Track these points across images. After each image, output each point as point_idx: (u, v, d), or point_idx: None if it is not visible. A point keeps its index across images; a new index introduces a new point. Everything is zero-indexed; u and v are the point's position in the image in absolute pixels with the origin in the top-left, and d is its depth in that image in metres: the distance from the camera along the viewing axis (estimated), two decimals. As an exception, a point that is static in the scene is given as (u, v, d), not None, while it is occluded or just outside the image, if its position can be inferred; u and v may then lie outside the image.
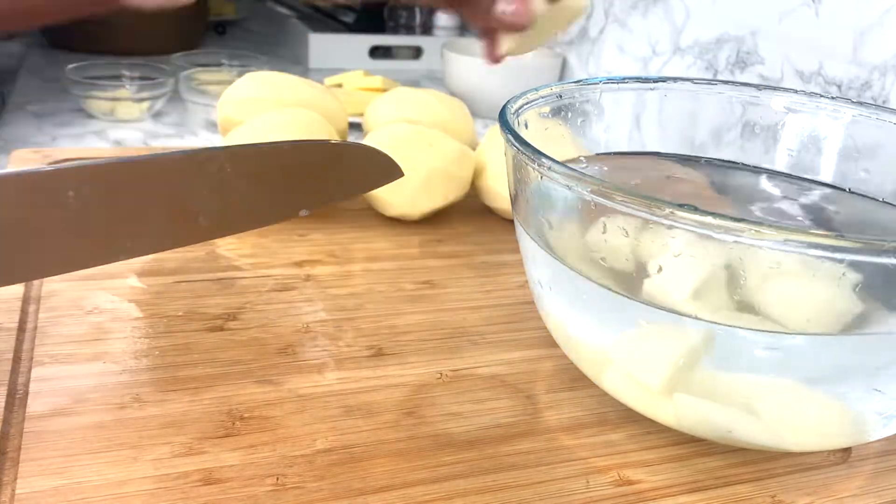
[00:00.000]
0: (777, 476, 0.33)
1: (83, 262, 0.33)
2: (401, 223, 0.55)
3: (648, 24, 0.82)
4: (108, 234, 0.33)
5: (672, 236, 0.28)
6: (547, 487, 0.32)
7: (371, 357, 0.39)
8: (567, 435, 0.35)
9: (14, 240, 0.31)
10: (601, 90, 0.43)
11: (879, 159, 0.41)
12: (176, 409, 0.34)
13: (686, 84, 0.44)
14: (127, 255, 0.34)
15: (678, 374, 0.30)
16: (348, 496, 0.30)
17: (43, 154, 0.60)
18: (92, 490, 0.29)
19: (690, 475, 0.33)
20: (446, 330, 0.42)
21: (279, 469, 0.31)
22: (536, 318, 0.40)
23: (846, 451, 0.35)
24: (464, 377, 0.38)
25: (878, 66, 0.55)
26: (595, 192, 0.29)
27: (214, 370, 0.37)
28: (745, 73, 0.69)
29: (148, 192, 0.33)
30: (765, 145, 0.44)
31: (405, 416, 0.35)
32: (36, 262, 0.32)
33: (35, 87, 0.91)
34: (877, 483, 0.34)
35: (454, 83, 0.94)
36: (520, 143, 0.32)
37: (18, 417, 0.33)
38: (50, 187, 0.31)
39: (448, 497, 0.31)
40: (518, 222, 0.35)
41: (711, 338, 0.29)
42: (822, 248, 0.25)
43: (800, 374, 0.30)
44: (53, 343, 0.38)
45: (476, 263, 0.50)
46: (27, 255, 0.32)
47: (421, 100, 0.61)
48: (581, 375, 0.37)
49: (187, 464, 0.31)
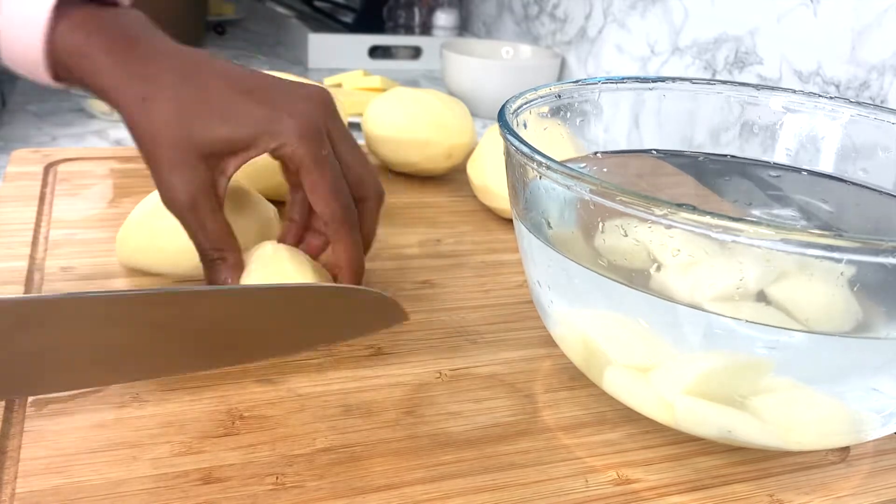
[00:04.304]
0: (775, 475, 0.34)
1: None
2: (400, 223, 0.55)
3: (647, 24, 0.82)
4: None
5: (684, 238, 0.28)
6: (546, 486, 0.32)
7: (370, 356, 0.39)
8: (566, 434, 0.35)
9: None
10: (600, 90, 0.43)
11: (877, 158, 0.41)
12: (176, 408, 0.34)
13: (685, 84, 0.44)
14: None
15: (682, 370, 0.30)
16: (348, 495, 0.30)
17: (43, 154, 0.60)
18: (92, 489, 0.29)
19: (689, 474, 0.33)
20: (445, 329, 0.42)
21: (279, 468, 0.31)
22: (535, 317, 0.40)
23: (844, 451, 0.35)
24: (463, 376, 0.38)
25: (877, 66, 0.55)
26: (594, 191, 0.29)
27: (214, 369, 0.37)
28: (743, 72, 0.69)
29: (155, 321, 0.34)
30: (763, 145, 0.45)
31: (404, 416, 0.35)
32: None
33: (35, 87, 0.91)
34: (874, 482, 0.34)
35: (453, 83, 0.94)
36: (519, 142, 0.32)
37: (18, 417, 0.33)
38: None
39: (447, 496, 0.31)
40: (517, 222, 0.35)
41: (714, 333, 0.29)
42: (820, 247, 0.25)
43: (799, 373, 0.30)
44: (53, 343, 0.38)
45: (475, 263, 0.51)
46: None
47: (421, 99, 0.61)
48: (580, 375, 0.37)
49: (187, 463, 0.31)
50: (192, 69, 0.39)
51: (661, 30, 0.80)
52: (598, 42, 0.92)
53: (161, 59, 0.39)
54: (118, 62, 0.38)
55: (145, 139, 0.38)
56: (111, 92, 0.38)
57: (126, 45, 0.39)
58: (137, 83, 0.38)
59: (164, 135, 0.37)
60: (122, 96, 0.38)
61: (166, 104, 0.37)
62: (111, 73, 0.38)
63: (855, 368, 0.30)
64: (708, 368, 0.30)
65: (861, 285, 0.26)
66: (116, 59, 0.38)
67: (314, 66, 1.11)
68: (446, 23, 1.24)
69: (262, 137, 0.38)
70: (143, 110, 0.37)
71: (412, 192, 0.61)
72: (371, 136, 0.62)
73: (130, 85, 0.38)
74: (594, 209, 0.30)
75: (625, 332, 0.32)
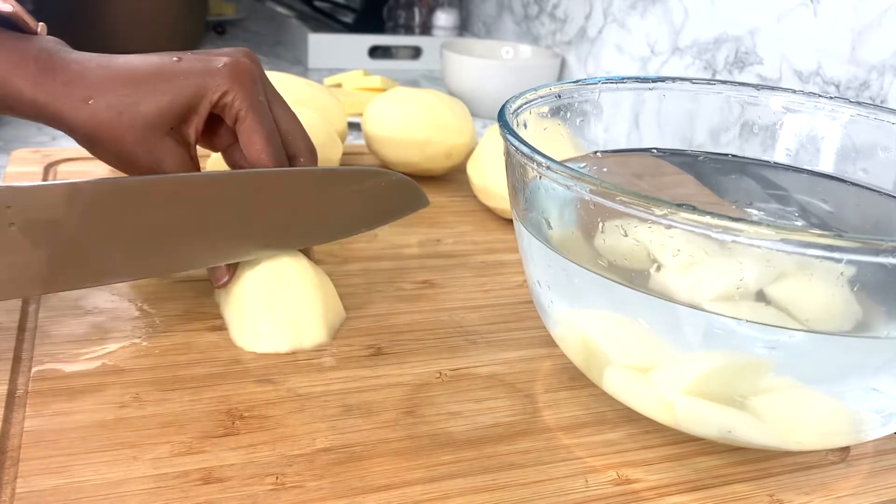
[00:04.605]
0: (775, 475, 0.34)
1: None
2: (400, 223, 0.55)
3: (647, 24, 0.82)
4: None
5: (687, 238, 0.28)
6: (546, 486, 0.32)
7: (370, 356, 0.39)
8: (566, 434, 0.35)
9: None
10: (600, 90, 0.43)
11: (877, 158, 0.41)
12: (176, 408, 0.34)
13: (685, 84, 0.44)
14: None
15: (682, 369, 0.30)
16: (348, 495, 0.30)
17: (43, 154, 0.61)
18: (92, 489, 0.29)
19: (689, 474, 0.33)
20: (445, 329, 0.42)
21: (279, 468, 0.31)
22: (535, 317, 0.40)
23: (844, 451, 0.35)
24: (463, 377, 0.38)
25: (877, 66, 0.55)
26: (594, 191, 0.29)
27: (214, 370, 0.37)
28: (743, 72, 0.69)
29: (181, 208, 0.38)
30: (763, 145, 0.45)
31: (404, 416, 0.35)
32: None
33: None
34: (874, 482, 0.34)
35: (453, 83, 0.94)
36: (519, 142, 0.32)
37: (18, 417, 0.33)
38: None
39: (447, 496, 0.31)
40: (517, 222, 0.35)
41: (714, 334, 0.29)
42: (820, 247, 0.25)
43: (799, 373, 0.30)
44: (53, 343, 0.38)
45: (475, 263, 0.51)
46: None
47: (421, 99, 0.61)
48: (580, 375, 0.37)
49: (187, 463, 0.31)
50: (118, 63, 0.39)
51: (661, 30, 0.80)
52: (598, 42, 0.92)
53: (87, 63, 0.39)
54: (50, 77, 0.38)
55: (104, 138, 0.38)
56: (50, 105, 0.38)
57: (52, 61, 0.38)
58: (76, 89, 0.38)
59: (121, 127, 0.38)
60: (64, 104, 0.38)
61: (111, 98, 0.38)
62: (46, 88, 0.38)
63: (855, 368, 0.30)
64: (708, 368, 0.30)
65: (861, 285, 0.26)
66: (48, 74, 0.38)
67: (314, 66, 1.11)
68: (446, 23, 1.24)
69: (206, 92, 0.39)
70: (90, 111, 0.38)
71: (412, 192, 0.61)
72: (371, 136, 0.62)
73: (69, 92, 0.38)
74: (594, 209, 0.30)
75: (625, 332, 0.32)
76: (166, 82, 0.39)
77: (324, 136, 0.55)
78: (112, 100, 0.38)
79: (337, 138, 0.59)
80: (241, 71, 0.40)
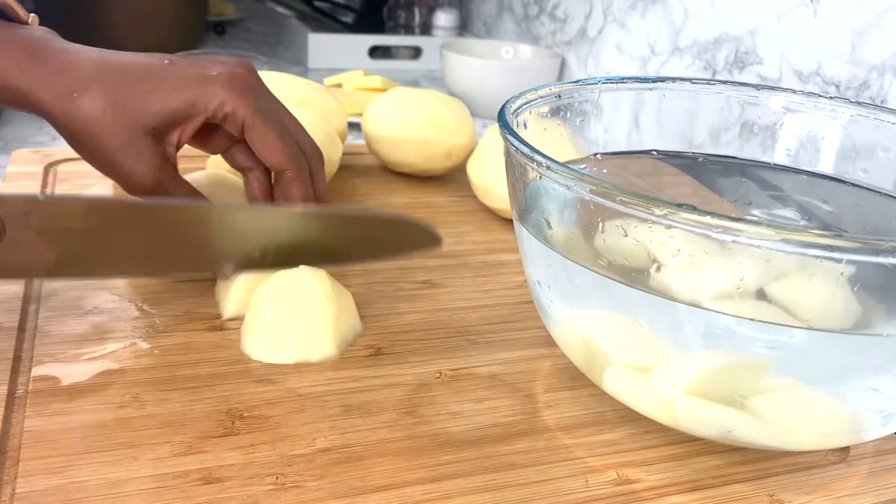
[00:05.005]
0: (775, 475, 0.34)
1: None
2: (400, 223, 0.55)
3: (647, 24, 0.82)
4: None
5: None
6: (546, 486, 0.32)
7: (370, 356, 0.39)
8: (566, 434, 0.35)
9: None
10: (600, 90, 0.43)
11: (877, 158, 0.41)
12: (176, 408, 0.34)
13: (685, 84, 0.44)
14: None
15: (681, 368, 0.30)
16: (348, 495, 0.30)
17: (43, 154, 0.60)
18: (92, 489, 0.29)
19: (689, 474, 0.33)
20: (445, 329, 0.42)
21: (279, 468, 0.31)
22: (535, 317, 0.40)
23: (844, 451, 0.35)
24: (463, 377, 0.38)
25: (877, 66, 0.55)
26: (594, 191, 0.29)
27: (214, 370, 0.37)
28: (743, 72, 0.69)
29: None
30: (763, 145, 0.45)
31: (404, 416, 0.35)
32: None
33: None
34: (874, 482, 0.34)
35: (453, 83, 0.94)
36: (519, 142, 0.32)
37: (18, 417, 0.33)
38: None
39: (447, 496, 0.31)
40: (517, 222, 0.35)
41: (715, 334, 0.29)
42: (820, 247, 0.25)
43: (799, 373, 0.30)
44: (53, 343, 0.38)
45: (475, 263, 0.51)
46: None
47: (421, 99, 0.61)
48: (580, 375, 0.37)
49: (187, 463, 0.31)
50: (110, 58, 0.39)
51: (661, 30, 0.80)
52: (598, 42, 0.92)
53: (77, 55, 0.39)
54: (37, 63, 0.37)
55: (84, 132, 0.38)
56: (34, 92, 0.37)
57: (41, 49, 0.38)
58: (63, 79, 0.37)
59: (103, 123, 0.37)
60: (48, 94, 0.37)
61: (97, 93, 0.37)
62: (31, 74, 0.37)
63: (855, 368, 0.30)
64: (708, 368, 0.30)
65: (861, 285, 0.26)
66: (35, 60, 0.37)
67: (314, 66, 1.11)
68: (446, 23, 1.24)
69: (199, 101, 0.39)
70: (74, 104, 0.37)
71: (412, 192, 0.61)
72: (371, 136, 0.62)
73: (55, 81, 0.37)
74: (594, 209, 0.30)
75: (625, 332, 0.32)
76: (156, 85, 0.38)
77: (324, 136, 0.55)
78: (98, 95, 0.37)
79: (337, 138, 0.59)
80: (238, 82, 0.40)
